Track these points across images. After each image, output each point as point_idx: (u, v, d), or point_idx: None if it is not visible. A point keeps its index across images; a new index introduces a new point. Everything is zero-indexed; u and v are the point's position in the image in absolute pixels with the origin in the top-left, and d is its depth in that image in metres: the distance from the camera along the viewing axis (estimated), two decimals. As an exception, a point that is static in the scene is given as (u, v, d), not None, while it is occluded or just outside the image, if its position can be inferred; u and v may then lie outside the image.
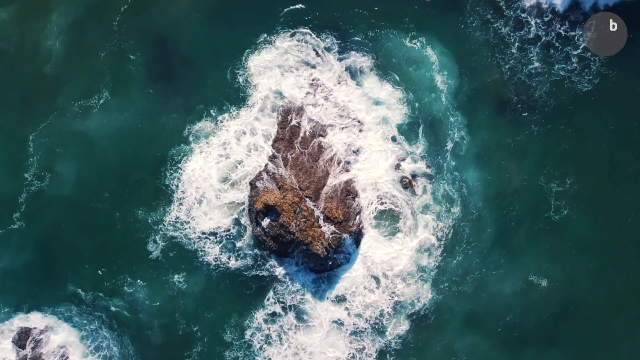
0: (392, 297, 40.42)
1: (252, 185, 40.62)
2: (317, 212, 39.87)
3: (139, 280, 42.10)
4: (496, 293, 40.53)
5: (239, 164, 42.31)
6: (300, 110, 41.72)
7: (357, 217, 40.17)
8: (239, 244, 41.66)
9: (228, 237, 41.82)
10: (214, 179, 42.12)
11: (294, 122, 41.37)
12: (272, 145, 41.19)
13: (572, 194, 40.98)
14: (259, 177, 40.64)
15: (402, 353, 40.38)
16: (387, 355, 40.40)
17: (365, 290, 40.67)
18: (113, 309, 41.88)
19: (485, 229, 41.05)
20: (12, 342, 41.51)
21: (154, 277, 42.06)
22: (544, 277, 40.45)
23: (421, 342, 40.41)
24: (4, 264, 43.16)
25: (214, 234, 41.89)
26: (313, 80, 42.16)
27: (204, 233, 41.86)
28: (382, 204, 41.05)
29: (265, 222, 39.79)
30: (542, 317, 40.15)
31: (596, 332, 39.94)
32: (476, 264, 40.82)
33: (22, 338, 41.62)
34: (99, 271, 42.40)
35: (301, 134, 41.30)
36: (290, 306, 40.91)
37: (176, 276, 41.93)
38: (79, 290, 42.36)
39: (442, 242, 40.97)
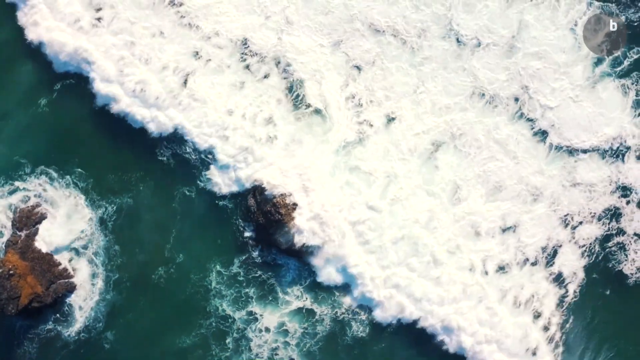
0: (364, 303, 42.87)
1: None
2: (307, 205, 43.35)
3: (147, 179, 44.59)
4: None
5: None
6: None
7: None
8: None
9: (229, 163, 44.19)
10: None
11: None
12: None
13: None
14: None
15: (347, 349, 42.91)
16: (337, 347, 42.87)
17: (342, 290, 43.30)
18: (117, 204, 44.60)
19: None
20: (12, 223, 43.13)
21: (162, 184, 44.56)
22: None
23: (370, 344, 42.73)
24: (22, 146, 45.04)
25: (212, 153, 44.37)
26: None
27: (204, 151, 44.39)
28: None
29: (262, 196, 43.25)
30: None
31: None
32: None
33: (19, 220, 42.86)
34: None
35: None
36: (255, 277, 43.66)
37: (180, 188, 44.53)
38: (83, 182, 44.74)
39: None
